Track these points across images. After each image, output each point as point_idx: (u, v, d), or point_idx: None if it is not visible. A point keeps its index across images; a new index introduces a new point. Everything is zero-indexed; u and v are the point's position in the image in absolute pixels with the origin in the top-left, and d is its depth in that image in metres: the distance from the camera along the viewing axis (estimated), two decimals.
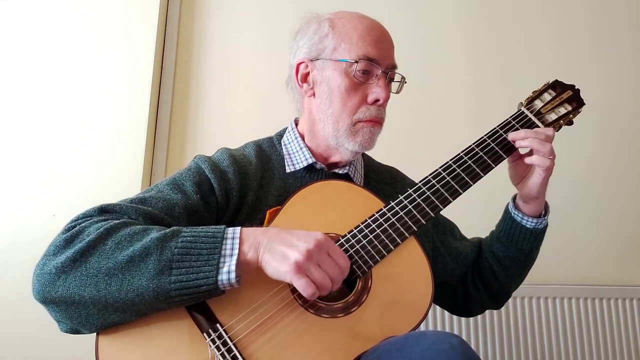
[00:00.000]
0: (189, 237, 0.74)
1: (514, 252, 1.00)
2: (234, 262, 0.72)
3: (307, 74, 0.97)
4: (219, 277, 0.71)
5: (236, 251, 0.73)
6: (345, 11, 0.98)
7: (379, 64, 0.92)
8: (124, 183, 1.63)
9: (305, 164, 0.97)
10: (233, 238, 0.74)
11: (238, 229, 0.76)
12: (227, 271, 0.72)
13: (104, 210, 0.81)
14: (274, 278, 0.74)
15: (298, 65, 0.98)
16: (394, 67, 0.96)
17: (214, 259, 0.72)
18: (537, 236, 0.99)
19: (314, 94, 0.97)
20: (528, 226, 0.98)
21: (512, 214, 1.00)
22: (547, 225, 0.99)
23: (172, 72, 1.83)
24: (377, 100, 0.92)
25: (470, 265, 1.08)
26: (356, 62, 0.91)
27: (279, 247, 0.73)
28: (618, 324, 1.71)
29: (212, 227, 0.76)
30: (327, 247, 0.74)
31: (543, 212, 0.99)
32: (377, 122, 0.94)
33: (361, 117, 0.92)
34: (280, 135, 1.04)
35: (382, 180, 1.06)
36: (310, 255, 0.72)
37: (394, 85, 0.99)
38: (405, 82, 0.99)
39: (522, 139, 0.92)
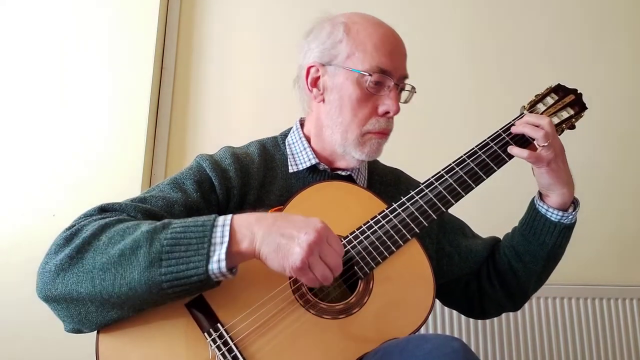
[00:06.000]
0: (178, 228, 0.72)
1: (535, 247, 0.97)
2: (224, 250, 0.70)
3: (318, 78, 0.96)
4: (210, 267, 0.69)
5: (226, 239, 0.71)
6: (359, 14, 0.96)
7: (392, 76, 0.91)
8: (124, 183, 1.63)
9: (308, 164, 0.97)
10: (223, 226, 0.72)
11: (229, 216, 0.74)
12: (217, 260, 0.70)
13: (103, 210, 0.81)
14: (276, 271, 0.72)
15: (309, 68, 0.96)
16: (405, 77, 0.95)
17: (203, 247, 0.70)
18: (561, 231, 0.94)
19: (323, 100, 0.96)
20: (553, 219, 0.94)
21: (537, 205, 0.97)
22: (574, 222, 0.95)
23: (172, 72, 1.83)
24: (387, 112, 0.92)
25: (482, 262, 1.06)
26: (370, 75, 0.89)
27: (279, 240, 0.70)
28: (618, 324, 1.71)
29: (203, 216, 0.75)
30: (326, 235, 0.72)
31: (572, 208, 0.95)
32: (385, 134, 0.94)
33: (370, 128, 0.92)
34: (285, 135, 1.04)
35: (386, 182, 1.06)
36: (312, 249, 0.69)
37: (404, 94, 0.98)
38: (415, 92, 0.98)
39: (519, 131, 0.93)
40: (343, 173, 0.98)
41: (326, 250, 0.71)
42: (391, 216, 0.87)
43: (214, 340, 0.74)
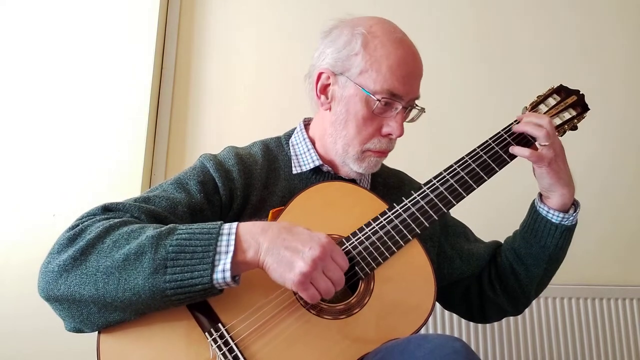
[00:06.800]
0: (184, 235, 0.72)
1: (537, 249, 0.97)
2: (229, 260, 0.70)
3: (328, 85, 0.94)
4: (214, 276, 0.70)
5: (232, 248, 0.71)
6: (381, 25, 0.92)
7: (402, 99, 0.90)
8: (124, 183, 1.63)
9: (312, 165, 0.97)
10: (229, 234, 0.72)
11: (235, 224, 0.74)
12: (222, 270, 0.70)
13: (107, 209, 0.81)
14: (278, 283, 0.73)
15: (320, 74, 0.94)
16: (416, 98, 0.94)
17: (208, 256, 0.70)
18: (562, 233, 0.94)
19: (330, 108, 0.95)
20: (553, 220, 0.94)
21: (537, 207, 0.96)
22: (575, 223, 0.95)
23: (172, 72, 1.83)
24: (390, 134, 0.92)
25: (483, 266, 1.06)
26: (379, 100, 0.88)
27: (283, 253, 0.71)
28: (618, 324, 1.72)
29: (209, 223, 0.75)
30: (330, 251, 0.72)
31: (573, 209, 0.94)
32: (385, 153, 0.95)
33: (371, 147, 0.92)
34: (289, 135, 1.04)
35: (389, 184, 1.06)
36: (316, 265, 0.70)
37: (412, 112, 0.96)
38: (424, 112, 0.96)
39: (521, 130, 0.93)
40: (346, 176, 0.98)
41: (330, 265, 0.72)
42: (392, 216, 0.87)
43: (214, 340, 0.74)
